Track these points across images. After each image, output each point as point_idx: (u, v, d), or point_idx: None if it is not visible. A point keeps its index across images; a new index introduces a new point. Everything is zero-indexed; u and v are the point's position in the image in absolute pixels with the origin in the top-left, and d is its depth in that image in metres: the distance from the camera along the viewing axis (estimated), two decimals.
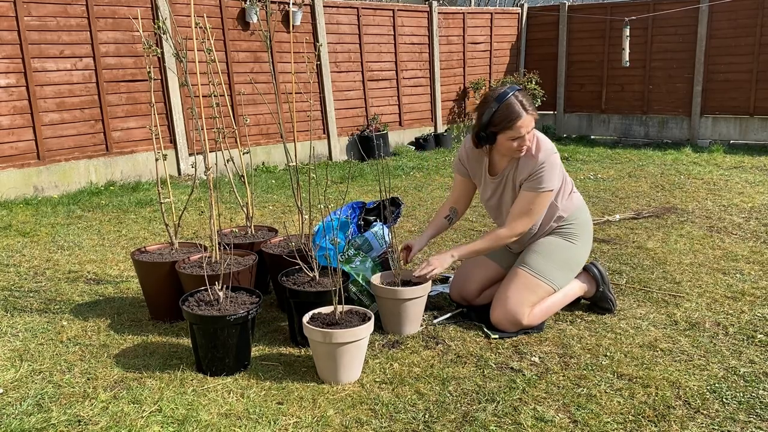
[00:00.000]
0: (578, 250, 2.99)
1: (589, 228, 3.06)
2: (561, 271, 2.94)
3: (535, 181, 2.79)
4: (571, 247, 2.97)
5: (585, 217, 3.04)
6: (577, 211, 3.00)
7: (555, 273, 2.92)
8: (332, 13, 8.40)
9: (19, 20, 5.95)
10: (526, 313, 2.85)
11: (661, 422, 2.17)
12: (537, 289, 2.89)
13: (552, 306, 2.97)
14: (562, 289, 3.02)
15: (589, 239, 3.05)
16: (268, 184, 6.80)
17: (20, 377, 2.52)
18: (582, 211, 3.03)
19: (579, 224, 2.99)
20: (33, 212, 5.44)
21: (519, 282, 2.89)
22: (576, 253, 2.98)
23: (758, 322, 2.97)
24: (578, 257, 3.00)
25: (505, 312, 2.85)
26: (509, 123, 2.72)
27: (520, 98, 2.74)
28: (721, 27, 9.00)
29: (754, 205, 5.33)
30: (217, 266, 2.95)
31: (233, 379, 2.49)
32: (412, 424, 2.18)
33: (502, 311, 2.86)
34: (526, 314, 2.85)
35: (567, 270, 2.97)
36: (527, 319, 2.86)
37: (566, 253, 2.95)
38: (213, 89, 3.03)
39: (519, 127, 2.72)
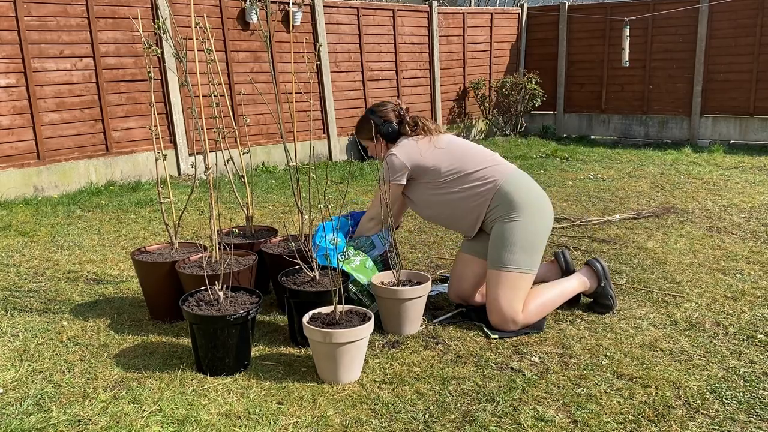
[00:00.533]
0: (525, 225, 2.92)
1: (529, 201, 2.96)
2: (522, 252, 2.90)
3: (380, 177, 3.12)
4: (517, 225, 2.91)
5: (516, 192, 2.96)
6: (504, 189, 2.95)
7: (518, 257, 2.89)
8: (332, 13, 8.40)
9: (19, 20, 5.95)
10: (520, 308, 2.88)
11: (661, 422, 2.17)
12: (518, 282, 2.89)
13: (549, 302, 2.98)
14: (557, 285, 3.03)
15: (533, 211, 2.95)
16: (268, 184, 6.80)
17: (20, 377, 2.53)
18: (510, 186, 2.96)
19: (510, 201, 2.93)
20: (33, 212, 5.44)
21: (500, 283, 2.90)
22: (525, 229, 2.91)
23: (758, 322, 2.97)
24: (530, 232, 2.93)
25: (501, 315, 2.88)
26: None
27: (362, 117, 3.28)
28: (721, 27, 9.00)
29: (754, 205, 5.33)
30: (217, 266, 2.95)
31: (233, 379, 2.49)
32: (412, 424, 2.18)
33: (497, 316, 2.89)
34: (520, 310, 2.88)
35: (527, 249, 2.91)
36: (523, 316, 2.88)
37: (516, 233, 2.90)
38: (213, 89, 3.03)
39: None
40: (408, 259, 4.06)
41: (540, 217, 2.98)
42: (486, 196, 2.97)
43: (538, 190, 3.06)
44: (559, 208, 5.40)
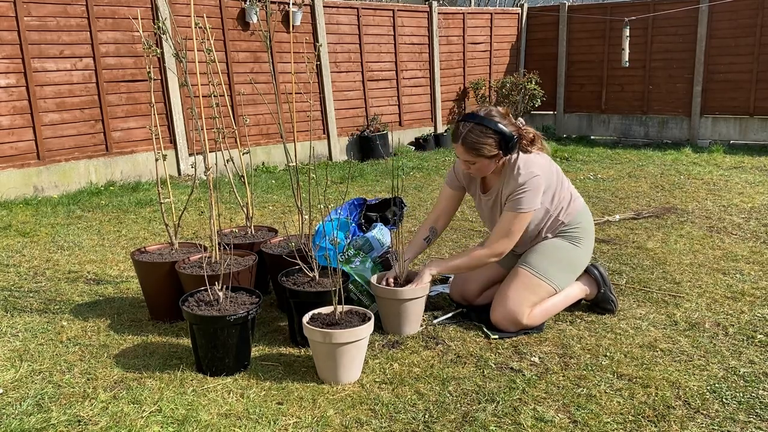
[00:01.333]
0: (581, 252, 3.00)
1: (592, 231, 3.08)
2: (563, 272, 2.95)
3: (515, 202, 2.80)
4: (575, 249, 2.98)
5: (587, 220, 3.06)
6: (579, 215, 3.01)
7: (556, 274, 2.93)
8: (332, 13, 8.40)
9: (19, 20, 5.95)
10: (526, 312, 2.86)
11: (661, 422, 2.17)
12: (537, 289, 2.89)
13: (552, 307, 2.97)
14: (563, 290, 3.02)
15: (591, 242, 3.06)
16: (268, 184, 6.80)
17: (20, 377, 2.52)
18: (584, 214, 3.05)
19: (582, 228, 3.01)
20: (33, 212, 5.44)
21: (520, 281, 2.90)
22: (578, 255, 2.99)
23: (758, 322, 2.97)
24: (580, 259, 3.01)
25: (505, 311, 2.86)
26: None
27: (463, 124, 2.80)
28: (721, 27, 9.00)
29: (754, 205, 5.33)
30: (217, 266, 2.95)
31: (233, 379, 2.49)
32: (412, 424, 2.18)
33: (502, 310, 2.87)
34: (526, 314, 2.85)
35: (569, 271, 2.98)
36: (527, 319, 2.86)
37: (569, 254, 2.96)
38: (213, 89, 3.03)
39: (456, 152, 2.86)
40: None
41: (590, 250, 3.07)
42: (563, 220, 2.98)
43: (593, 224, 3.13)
44: None
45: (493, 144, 2.75)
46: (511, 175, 2.83)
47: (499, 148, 2.77)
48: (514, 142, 2.77)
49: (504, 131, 2.74)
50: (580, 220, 3.01)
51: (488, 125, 2.74)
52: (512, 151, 2.80)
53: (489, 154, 2.77)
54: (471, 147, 2.76)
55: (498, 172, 2.91)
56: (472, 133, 2.75)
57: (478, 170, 2.86)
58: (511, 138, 2.75)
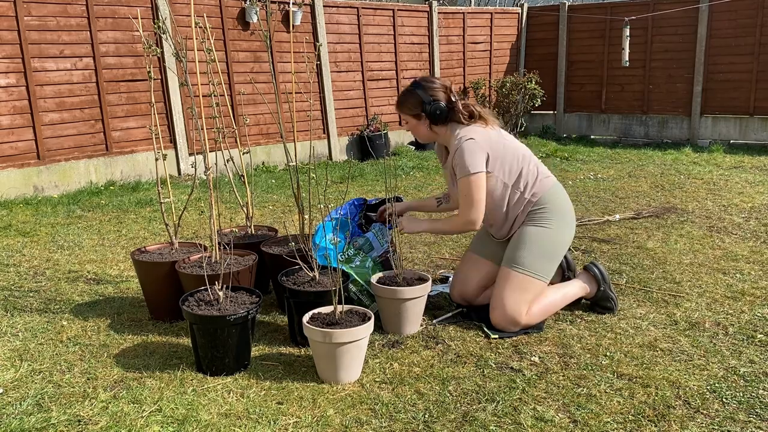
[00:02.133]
0: (555, 233, 2.94)
1: (564, 210, 3.00)
2: (543, 259, 2.92)
3: (458, 168, 2.90)
4: (547, 232, 2.93)
5: (557, 199, 2.99)
6: (548, 195, 2.97)
7: (538, 263, 2.91)
8: (332, 13, 8.40)
9: (19, 20, 5.95)
10: (524, 311, 2.87)
11: (661, 422, 2.17)
12: (528, 286, 2.89)
13: (551, 305, 2.97)
14: (560, 289, 3.02)
15: (565, 222, 2.99)
16: (268, 184, 6.80)
17: (20, 377, 2.52)
18: (553, 194, 2.99)
19: (551, 208, 2.95)
20: (33, 212, 5.44)
21: (510, 283, 2.90)
22: (553, 237, 2.94)
23: (758, 322, 2.97)
24: (557, 241, 2.95)
25: (504, 314, 2.87)
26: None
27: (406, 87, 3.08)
28: (721, 27, 9.00)
29: (754, 205, 5.33)
30: (217, 266, 2.95)
31: (233, 379, 2.49)
32: (412, 424, 2.18)
33: (501, 314, 2.88)
34: (524, 312, 2.87)
35: (549, 257, 2.94)
36: (526, 318, 2.87)
37: (545, 240, 2.92)
38: (213, 89, 3.03)
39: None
40: (408, 259, 4.06)
41: (569, 230, 3.01)
42: (531, 200, 2.96)
43: (571, 204, 3.08)
44: None
45: (414, 104, 3.00)
46: (452, 145, 2.97)
47: (422, 110, 2.98)
48: (433, 107, 2.95)
49: (424, 96, 2.97)
50: (549, 199, 2.96)
51: (415, 88, 3.01)
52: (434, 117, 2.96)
53: (412, 113, 3.02)
54: (399, 104, 3.08)
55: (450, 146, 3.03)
56: (403, 94, 3.08)
57: (412, 129, 3.10)
58: (430, 103, 2.95)
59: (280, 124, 3.32)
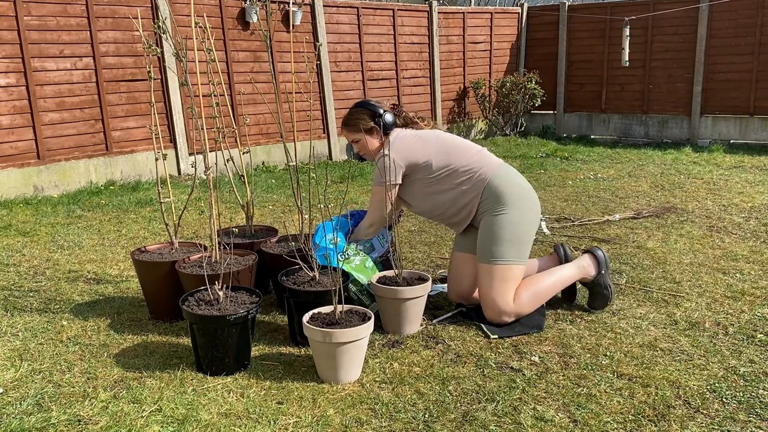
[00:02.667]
0: (512, 218, 2.93)
1: (516, 193, 2.98)
2: (510, 245, 2.92)
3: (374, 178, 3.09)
4: (504, 218, 2.93)
5: (504, 185, 2.97)
6: (492, 183, 2.97)
7: (506, 250, 2.91)
8: (332, 13, 8.40)
9: (18, 20, 5.95)
10: (511, 300, 2.90)
11: (661, 422, 2.17)
12: (507, 274, 2.91)
13: (543, 291, 2.99)
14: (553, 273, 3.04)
15: (521, 204, 2.97)
16: (268, 183, 6.80)
17: (20, 377, 2.52)
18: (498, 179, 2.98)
19: (499, 194, 2.95)
20: (33, 212, 5.44)
21: (487, 276, 2.93)
22: (512, 220, 2.93)
23: (758, 321, 2.97)
24: (517, 225, 2.94)
25: (491, 309, 2.91)
26: None
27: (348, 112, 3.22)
28: (721, 27, 9.00)
29: (754, 205, 5.33)
30: (217, 266, 2.95)
31: (233, 379, 2.49)
32: (412, 424, 2.18)
33: (489, 309, 2.93)
34: (511, 301, 2.90)
35: (516, 242, 2.94)
36: (516, 306, 2.90)
37: (504, 226, 2.93)
38: (213, 89, 3.03)
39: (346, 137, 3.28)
40: (408, 259, 4.06)
41: (527, 210, 3.00)
42: (477, 190, 2.99)
43: (525, 183, 3.08)
44: (559, 208, 5.40)
45: (366, 117, 3.11)
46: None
47: (374, 122, 3.11)
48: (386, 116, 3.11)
49: (375, 108, 3.12)
50: (495, 186, 2.96)
51: (363, 106, 3.16)
52: (389, 127, 3.12)
53: (366, 127, 3.12)
54: (351, 125, 3.16)
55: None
56: (351, 115, 3.18)
57: (363, 147, 3.17)
58: (381, 114, 3.10)
59: (280, 123, 3.32)
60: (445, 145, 3.07)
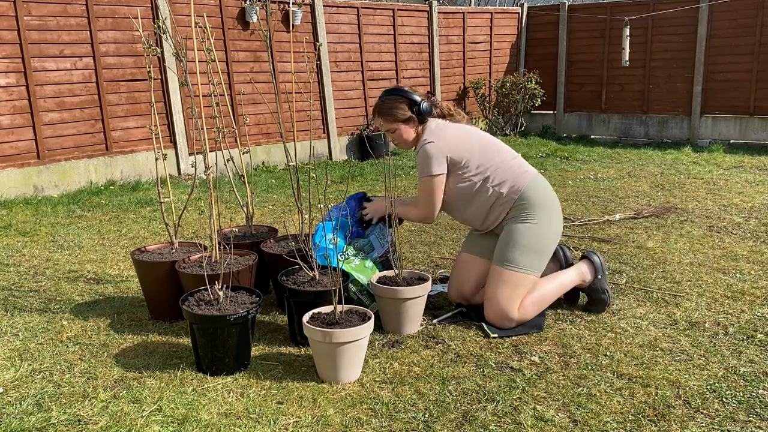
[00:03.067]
0: (540, 228, 2.93)
1: (547, 203, 2.99)
2: (533, 256, 2.92)
3: (418, 170, 3.02)
4: (532, 228, 2.92)
5: (538, 193, 2.98)
6: (528, 190, 2.96)
7: (527, 259, 2.90)
8: (332, 13, 8.40)
9: (18, 20, 5.95)
10: (516, 307, 2.88)
11: (661, 422, 2.17)
12: (519, 282, 2.90)
13: (545, 297, 2.98)
14: (555, 278, 3.02)
15: (550, 216, 2.98)
16: (268, 183, 6.80)
17: (20, 377, 2.52)
18: (534, 188, 2.98)
19: (533, 202, 2.94)
20: (33, 212, 5.44)
21: (500, 280, 2.91)
22: (540, 232, 2.93)
23: (758, 321, 2.97)
24: (544, 236, 2.95)
25: (496, 312, 2.89)
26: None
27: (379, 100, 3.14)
28: (721, 27, 9.00)
29: (754, 205, 5.34)
30: (217, 266, 2.95)
31: (233, 379, 2.49)
32: (412, 424, 2.18)
33: (493, 311, 2.90)
34: (516, 308, 2.88)
35: (538, 253, 2.94)
36: (519, 313, 2.89)
37: (531, 235, 2.92)
38: (213, 89, 3.03)
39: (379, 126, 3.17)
40: (408, 259, 4.06)
41: (555, 222, 3.01)
42: (510, 198, 2.96)
43: (555, 195, 3.08)
44: None
45: (403, 107, 3.04)
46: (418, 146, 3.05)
47: (411, 111, 3.03)
48: (425, 106, 3.02)
49: (412, 96, 3.04)
50: (529, 195, 2.95)
51: (398, 93, 3.07)
52: (427, 114, 3.04)
53: (402, 117, 3.05)
54: (386, 113, 3.07)
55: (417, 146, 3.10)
56: (385, 103, 3.09)
57: (399, 137, 3.09)
58: (419, 102, 3.02)
59: (280, 123, 3.32)
60: (485, 146, 3.03)
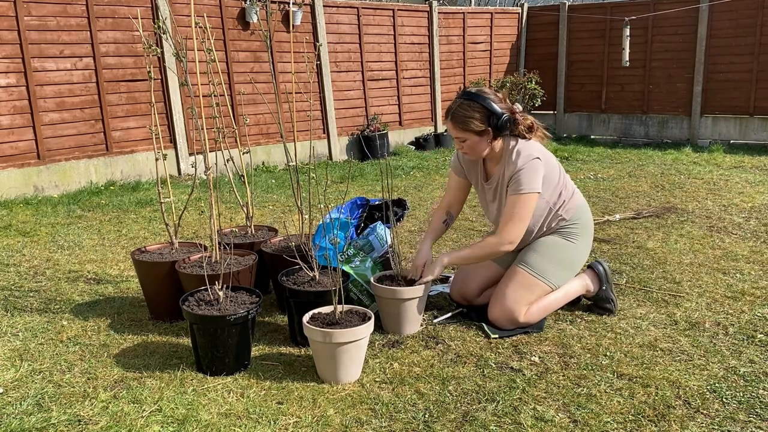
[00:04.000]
0: (578, 249, 2.99)
1: (590, 228, 3.06)
2: (560, 270, 2.94)
3: (516, 184, 2.77)
4: (571, 246, 2.96)
5: (587, 217, 3.04)
6: (579, 212, 3.00)
7: (553, 272, 2.92)
8: (332, 13, 8.40)
9: (19, 20, 5.95)
10: (523, 311, 2.86)
11: (661, 422, 2.17)
12: (534, 288, 2.89)
13: (551, 304, 2.97)
14: (562, 287, 3.02)
15: (589, 239, 3.05)
16: (268, 184, 6.80)
17: (20, 377, 2.52)
18: (583, 211, 3.03)
19: (581, 224, 2.99)
20: (33, 212, 5.44)
21: (517, 280, 2.90)
22: (576, 252, 2.98)
23: (758, 322, 2.97)
24: (578, 257, 3.00)
25: (503, 310, 2.87)
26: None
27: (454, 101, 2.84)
28: (721, 27, 9.00)
29: (754, 205, 5.33)
30: (217, 266, 2.95)
31: (233, 379, 2.49)
32: (412, 424, 2.18)
33: (500, 309, 2.88)
34: (523, 312, 2.86)
35: (566, 269, 2.97)
36: (524, 317, 2.87)
37: (566, 252, 2.95)
38: (213, 89, 3.03)
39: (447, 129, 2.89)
40: (408, 259, 4.05)
41: (589, 243, 3.05)
42: (565, 216, 2.95)
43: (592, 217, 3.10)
44: None
45: (480, 118, 2.75)
46: (509, 161, 2.81)
47: (488, 125, 2.76)
48: (503, 121, 2.75)
49: (492, 107, 2.75)
50: (580, 215, 2.99)
51: (476, 100, 2.76)
52: (503, 130, 2.78)
53: (477, 129, 2.77)
54: (459, 121, 2.77)
55: (497, 160, 2.90)
56: (461, 108, 2.78)
57: (470, 148, 2.83)
58: (500, 115, 2.75)
59: (280, 124, 3.32)
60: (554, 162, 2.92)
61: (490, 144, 2.83)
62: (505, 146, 2.85)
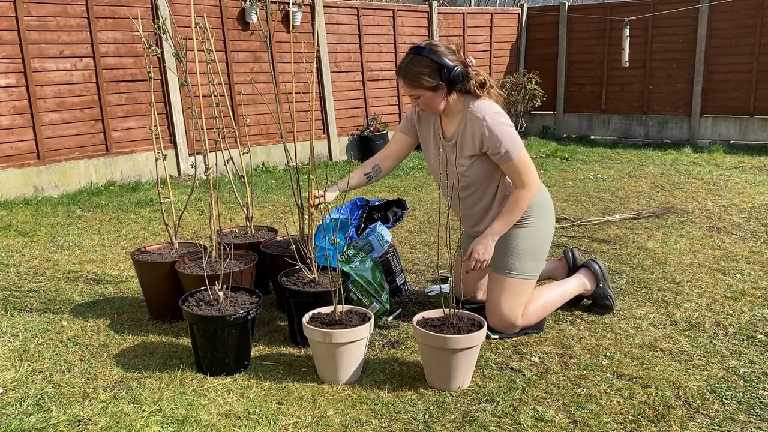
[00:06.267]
0: (538, 232, 2.88)
1: (545, 205, 2.91)
2: (531, 259, 2.87)
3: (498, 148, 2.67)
4: (531, 231, 2.86)
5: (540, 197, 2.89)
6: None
7: (526, 264, 2.86)
8: (332, 13, 8.40)
9: (18, 20, 5.95)
10: (520, 314, 2.85)
11: (661, 422, 2.17)
12: (521, 289, 2.87)
13: (548, 305, 2.96)
14: (558, 287, 3.02)
15: (547, 217, 2.92)
16: (268, 184, 6.80)
17: (20, 377, 2.52)
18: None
19: (534, 203, 2.85)
20: (33, 212, 5.44)
21: (502, 288, 2.87)
22: (536, 236, 2.88)
23: (758, 322, 2.97)
24: (540, 239, 2.90)
25: (501, 320, 2.86)
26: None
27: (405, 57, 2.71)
28: (721, 27, 9.00)
29: (754, 205, 5.33)
30: (217, 266, 2.95)
31: (233, 379, 2.49)
32: (412, 424, 2.18)
33: (497, 319, 2.87)
34: (520, 315, 2.85)
35: (537, 256, 2.89)
36: (523, 320, 2.86)
37: (528, 239, 2.86)
38: (213, 89, 3.03)
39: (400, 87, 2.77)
40: (408, 259, 4.06)
41: (550, 221, 2.95)
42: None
43: (549, 195, 3.00)
44: (559, 208, 5.40)
45: (431, 73, 2.63)
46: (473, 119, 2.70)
47: (440, 79, 2.65)
48: (456, 74, 2.63)
49: (443, 60, 2.63)
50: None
51: (426, 54, 2.64)
52: (456, 84, 2.66)
53: (429, 85, 2.66)
54: (410, 78, 2.67)
55: (453, 116, 2.79)
56: (411, 64, 2.67)
57: (425, 104, 2.73)
58: (451, 69, 2.63)
59: (280, 124, 3.32)
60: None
61: (445, 98, 2.72)
62: (465, 106, 2.75)
